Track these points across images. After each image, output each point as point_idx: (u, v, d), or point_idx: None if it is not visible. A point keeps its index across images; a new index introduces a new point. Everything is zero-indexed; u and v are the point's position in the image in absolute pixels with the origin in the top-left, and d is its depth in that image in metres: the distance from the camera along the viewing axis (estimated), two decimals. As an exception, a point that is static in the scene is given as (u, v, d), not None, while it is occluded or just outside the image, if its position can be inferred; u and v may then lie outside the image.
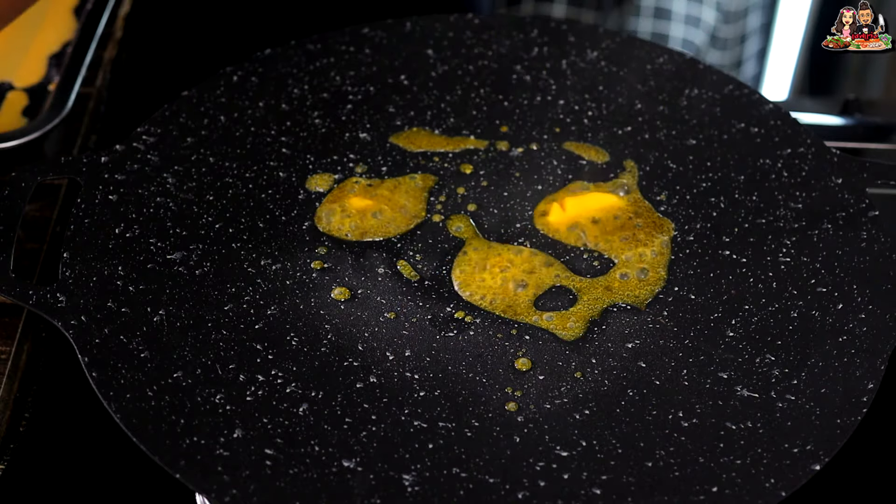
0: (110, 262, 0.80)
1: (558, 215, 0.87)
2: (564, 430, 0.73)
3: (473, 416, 0.74)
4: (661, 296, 0.82)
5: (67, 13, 1.06)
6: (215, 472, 0.69)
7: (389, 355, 0.78)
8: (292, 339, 0.78)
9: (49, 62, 1.01)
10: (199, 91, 0.93)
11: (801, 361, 0.77)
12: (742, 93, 0.95)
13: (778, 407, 0.74)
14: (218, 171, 0.89)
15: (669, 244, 0.86)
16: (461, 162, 0.91)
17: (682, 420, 0.74)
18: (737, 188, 0.89)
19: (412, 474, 0.70)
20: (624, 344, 0.79)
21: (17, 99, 0.98)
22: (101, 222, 0.82)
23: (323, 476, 0.70)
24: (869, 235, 0.83)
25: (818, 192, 0.87)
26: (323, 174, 0.90)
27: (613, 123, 0.94)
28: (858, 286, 0.80)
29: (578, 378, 0.77)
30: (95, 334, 0.75)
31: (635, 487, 0.70)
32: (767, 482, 0.69)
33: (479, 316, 0.80)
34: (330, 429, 0.73)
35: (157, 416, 0.71)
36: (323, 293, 0.81)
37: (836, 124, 1.10)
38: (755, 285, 0.82)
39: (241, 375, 0.75)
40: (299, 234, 0.85)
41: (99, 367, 0.73)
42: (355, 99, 0.95)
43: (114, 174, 0.85)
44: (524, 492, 0.70)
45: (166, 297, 0.79)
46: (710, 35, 1.76)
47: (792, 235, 0.85)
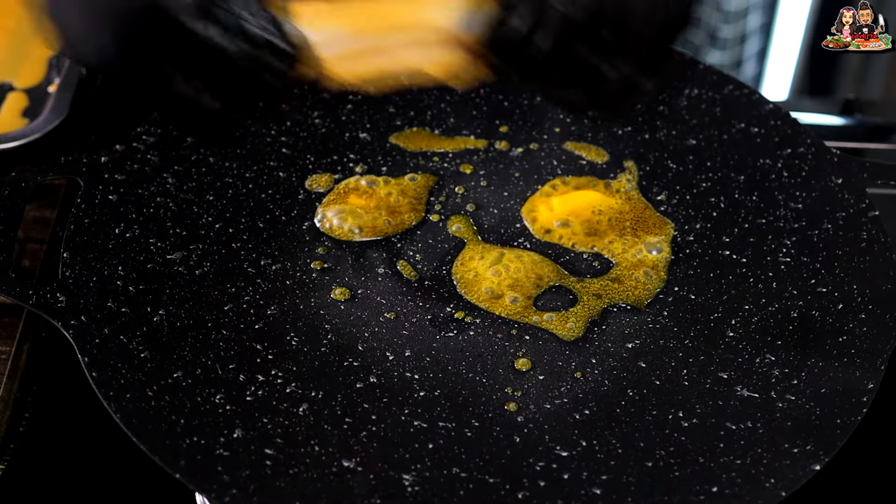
0: (110, 262, 0.80)
1: (546, 214, 0.87)
2: (564, 430, 0.73)
3: (473, 416, 0.74)
4: (661, 296, 0.82)
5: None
6: (215, 472, 0.69)
7: (389, 355, 0.78)
8: (292, 339, 0.78)
9: (49, 63, 1.01)
10: (199, 91, 0.93)
11: (801, 361, 0.77)
12: (742, 93, 0.95)
13: (778, 407, 0.74)
14: (218, 171, 0.89)
15: (669, 244, 0.86)
16: (461, 162, 0.91)
17: (682, 420, 0.74)
18: (737, 188, 0.89)
19: (412, 474, 0.70)
20: (624, 344, 0.79)
21: (18, 100, 0.98)
22: (101, 222, 0.82)
23: (323, 476, 0.70)
24: (869, 235, 0.83)
25: (818, 192, 0.87)
26: (323, 174, 0.90)
27: (613, 123, 0.94)
28: (858, 286, 0.80)
29: (578, 378, 0.77)
30: (95, 334, 0.75)
31: (635, 487, 0.70)
32: (767, 482, 0.69)
33: (479, 316, 0.80)
34: (330, 429, 0.73)
35: (157, 416, 0.71)
36: (323, 293, 0.81)
37: (836, 124, 1.10)
38: (755, 285, 0.82)
39: (241, 375, 0.75)
40: (299, 234, 0.85)
41: (99, 367, 0.73)
42: (355, 99, 0.95)
43: (114, 174, 0.85)
44: (524, 492, 0.70)
45: (166, 297, 0.79)
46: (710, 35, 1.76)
47: (792, 235, 0.85)
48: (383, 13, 0.72)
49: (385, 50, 0.72)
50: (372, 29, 0.72)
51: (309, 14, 0.70)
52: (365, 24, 0.72)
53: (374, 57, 0.73)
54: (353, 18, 0.72)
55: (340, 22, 0.72)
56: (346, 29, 0.72)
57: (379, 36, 0.72)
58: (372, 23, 0.72)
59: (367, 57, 0.72)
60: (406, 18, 0.72)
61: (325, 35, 0.71)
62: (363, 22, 0.72)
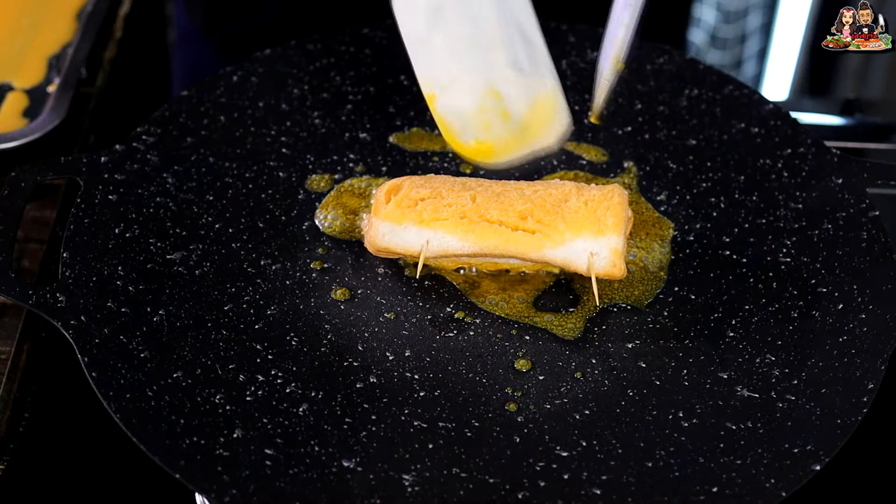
0: (110, 262, 0.80)
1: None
2: (564, 430, 0.73)
3: (473, 416, 0.74)
4: (661, 296, 0.82)
5: (67, 16, 1.06)
6: (215, 472, 0.69)
7: (389, 355, 0.78)
8: (292, 339, 0.78)
9: (49, 64, 1.01)
10: (199, 91, 0.93)
11: (801, 361, 0.77)
12: (742, 93, 0.95)
13: (778, 407, 0.74)
14: (218, 171, 0.89)
15: (669, 244, 0.86)
16: (461, 162, 0.91)
17: (682, 420, 0.74)
18: (737, 188, 0.89)
19: (412, 474, 0.70)
20: (624, 344, 0.79)
21: (18, 100, 0.98)
22: (101, 222, 0.82)
23: (323, 476, 0.70)
24: (869, 235, 0.83)
25: (818, 192, 0.87)
26: (323, 174, 0.90)
27: (613, 123, 0.94)
28: (858, 286, 0.80)
29: (578, 378, 0.77)
30: (95, 334, 0.75)
31: (635, 487, 0.70)
32: (767, 482, 0.69)
33: (479, 316, 0.80)
34: (330, 429, 0.73)
35: (157, 416, 0.71)
36: (323, 293, 0.81)
37: (836, 124, 1.10)
38: (755, 285, 0.82)
39: (241, 375, 0.75)
40: (299, 234, 0.85)
41: (99, 367, 0.73)
42: (355, 99, 0.95)
43: (114, 174, 0.85)
44: (524, 492, 0.70)
45: (166, 297, 0.79)
46: (710, 35, 1.77)
47: (792, 235, 0.85)
48: None
49: None
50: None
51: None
52: None
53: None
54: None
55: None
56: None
57: None
58: None
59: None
60: None
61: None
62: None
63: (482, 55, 0.73)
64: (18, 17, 1.06)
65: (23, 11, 1.07)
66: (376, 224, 0.80)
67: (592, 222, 0.78)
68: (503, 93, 0.75)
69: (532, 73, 0.74)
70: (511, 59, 0.73)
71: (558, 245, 0.79)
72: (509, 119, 0.75)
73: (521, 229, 0.78)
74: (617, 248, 0.78)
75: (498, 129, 0.77)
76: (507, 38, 0.72)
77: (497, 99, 0.75)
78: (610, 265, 0.78)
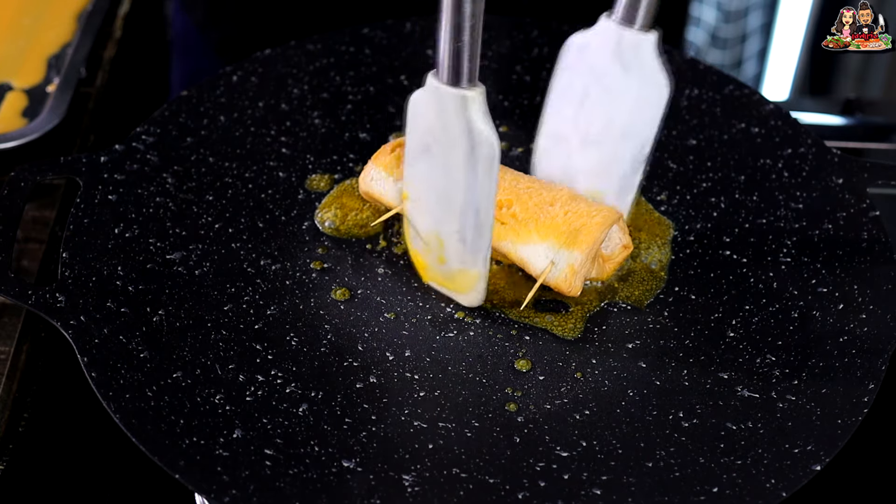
0: (110, 262, 0.80)
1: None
2: (564, 430, 0.73)
3: (473, 416, 0.74)
4: (661, 296, 0.82)
5: (67, 16, 1.06)
6: (215, 472, 0.69)
7: (389, 355, 0.78)
8: (292, 339, 0.78)
9: (48, 63, 1.01)
10: (199, 91, 0.93)
11: (801, 362, 0.77)
12: (742, 93, 0.95)
13: (778, 407, 0.74)
14: (218, 171, 0.89)
15: (669, 244, 0.86)
16: (461, 162, 0.91)
17: (683, 420, 0.74)
18: (737, 188, 0.89)
19: (412, 474, 0.70)
20: (624, 344, 0.79)
21: (17, 99, 0.98)
22: (100, 222, 0.82)
23: (323, 476, 0.70)
24: (869, 235, 0.83)
25: (818, 192, 0.87)
26: (323, 174, 0.90)
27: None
28: (858, 286, 0.80)
29: (578, 378, 0.77)
30: (95, 334, 0.75)
31: (635, 487, 0.70)
32: (768, 482, 0.69)
33: (479, 316, 0.80)
34: (330, 429, 0.73)
35: (157, 416, 0.71)
36: (323, 293, 0.81)
37: (836, 124, 1.10)
38: (755, 285, 0.82)
39: (241, 375, 0.75)
40: (299, 234, 0.85)
41: (99, 367, 0.73)
42: (355, 99, 0.95)
43: (113, 174, 0.85)
44: (524, 492, 0.70)
45: (166, 297, 0.79)
46: (710, 35, 1.77)
47: (792, 235, 0.85)
48: None
49: None
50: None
51: None
52: None
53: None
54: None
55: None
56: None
57: None
58: None
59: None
60: None
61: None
62: None
63: (441, 207, 0.77)
64: (18, 17, 1.06)
65: (23, 11, 1.07)
66: (370, 167, 0.83)
67: (563, 233, 0.78)
68: (445, 244, 0.79)
69: (469, 252, 0.78)
70: (459, 228, 0.77)
71: (522, 242, 0.79)
72: (443, 263, 0.80)
73: (495, 217, 0.79)
74: (574, 264, 0.78)
75: (432, 261, 0.80)
76: (463, 212, 0.76)
77: (439, 244, 0.79)
78: (563, 278, 0.78)
